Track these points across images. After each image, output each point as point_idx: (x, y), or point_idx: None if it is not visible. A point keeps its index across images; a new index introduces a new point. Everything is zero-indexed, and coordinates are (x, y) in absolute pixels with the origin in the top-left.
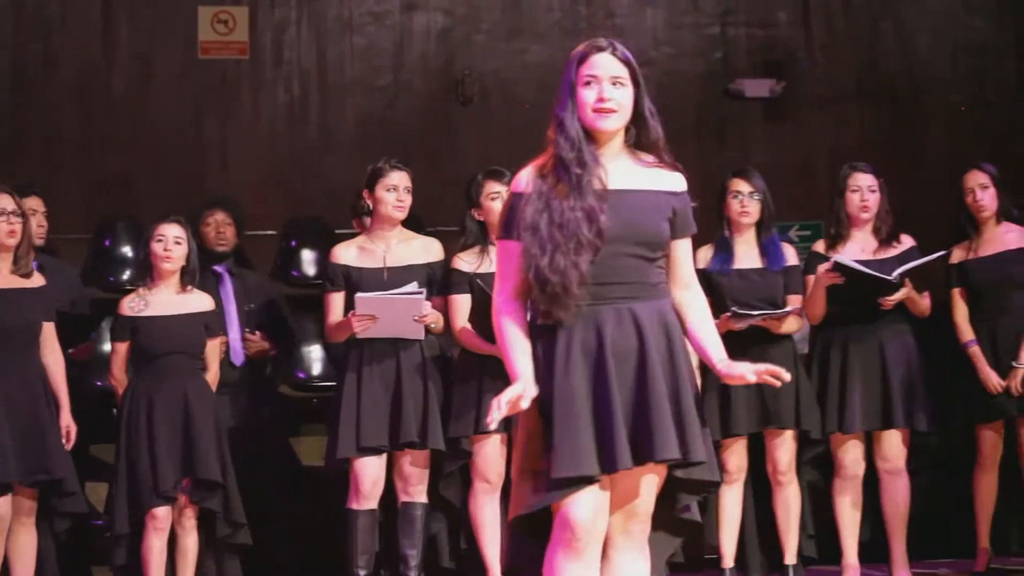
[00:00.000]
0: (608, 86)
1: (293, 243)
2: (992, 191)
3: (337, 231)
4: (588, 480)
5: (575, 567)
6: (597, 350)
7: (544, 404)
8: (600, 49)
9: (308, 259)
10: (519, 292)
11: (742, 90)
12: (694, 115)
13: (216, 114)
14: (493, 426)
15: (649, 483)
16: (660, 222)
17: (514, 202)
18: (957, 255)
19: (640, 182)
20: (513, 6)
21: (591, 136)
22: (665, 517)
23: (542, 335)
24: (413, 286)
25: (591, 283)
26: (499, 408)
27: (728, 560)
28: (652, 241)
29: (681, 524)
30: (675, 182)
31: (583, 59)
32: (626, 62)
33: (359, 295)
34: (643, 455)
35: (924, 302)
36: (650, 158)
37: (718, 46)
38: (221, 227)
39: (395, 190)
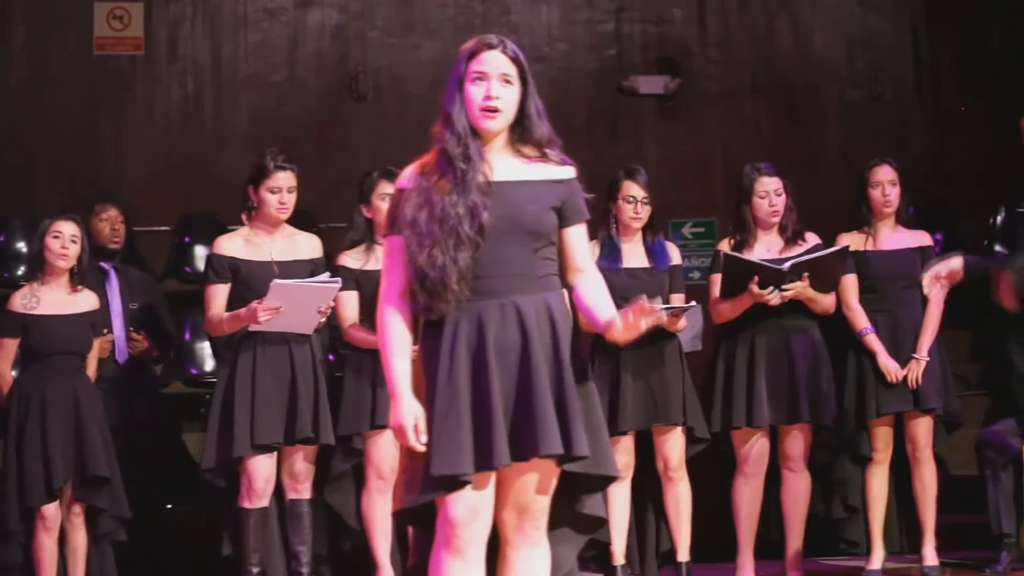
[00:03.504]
0: (496, 84)
1: (186, 239)
2: (899, 189)
3: (230, 227)
4: (463, 479)
5: (455, 564)
6: (479, 346)
7: (427, 401)
8: (491, 46)
9: (201, 255)
10: (404, 289)
11: (636, 87)
12: (587, 112)
13: (111, 110)
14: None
15: (539, 480)
16: (543, 212)
17: (396, 198)
18: (852, 243)
19: (523, 174)
20: (407, 2)
21: (476, 132)
22: (567, 515)
23: (428, 331)
24: (326, 276)
25: (473, 277)
26: (418, 440)
27: (619, 557)
28: (536, 231)
29: (586, 521)
30: (561, 172)
31: (473, 55)
32: (515, 60)
33: (276, 281)
34: (525, 451)
35: (826, 300)
36: (534, 153)
37: (612, 43)
38: (116, 224)
39: (278, 191)
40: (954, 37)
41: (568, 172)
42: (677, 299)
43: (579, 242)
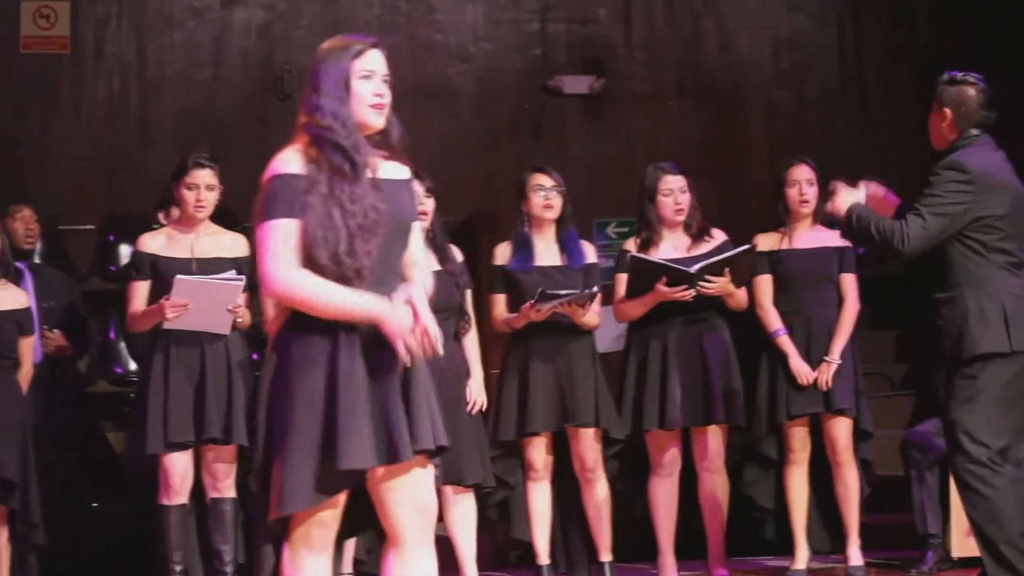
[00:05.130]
0: (381, 83)
1: (111, 237)
2: (816, 188)
3: (155, 226)
4: (363, 474)
5: (320, 562)
6: (378, 341)
7: (328, 396)
8: (375, 45)
9: (126, 253)
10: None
11: (561, 87)
12: (512, 111)
13: (37, 108)
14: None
15: (431, 477)
16: (409, 209)
17: (286, 182)
18: (767, 243)
19: (392, 172)
20: (332, 1)
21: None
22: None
23: (321, 327)
24: (232, 273)
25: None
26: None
27: (543, 557)
28: (408, 228)
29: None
30: (406, 172)
31: (359, 53)
32: (388, 60)
33: (179, 277)
34: (424, 442)
35: (741, 295)
36: (384, 152)
37: (537, 42)
38: (30, 224)
39: (195, 189)
40: (880, 38)
41: (410, 173)
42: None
43: (417, 239)
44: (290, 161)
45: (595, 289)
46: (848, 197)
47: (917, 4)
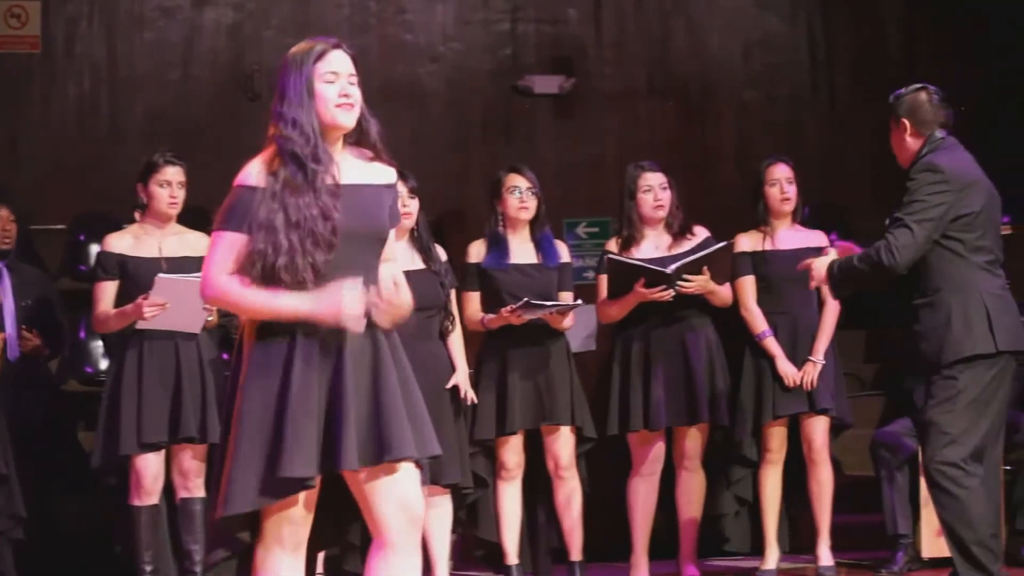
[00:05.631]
0: (347, 84)
1: (81, 237)
2: (795, 187)
3: (125, 225)
4: (310, 481)
5: (292, 560)
6: (336, 350)
7: (279, 400)
8: (337, 46)
9: (96, 253)
10: (232, 274)
11: (531, 87)
12: (482, 111)
13: (7, 108)
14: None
15: (416, 479)
16: (384, 216)
17: (244, 195)
18: (747, 243)
19: (365, 176)
20: (302, 2)
21: (323, 134)
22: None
23: (281, 330)
24: None
25: (329, 280)
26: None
27: (512, 557)
28: (380, 235)
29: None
30: (391, 175)
31: (321, 56)
32: (355, 60)
33: (160, 276)
34: (382, 453)
35: (724, 291)
36: (368, 153)
37: (507, 42)
38: (6, 224)
39: (168, 186)
40: (850, 39)
41: (395, 175)
42: (565, 297)
43: (392, 241)
44: (252, 173)
45: (579, 301)
46: (822, 264)
47: (887, 6)
